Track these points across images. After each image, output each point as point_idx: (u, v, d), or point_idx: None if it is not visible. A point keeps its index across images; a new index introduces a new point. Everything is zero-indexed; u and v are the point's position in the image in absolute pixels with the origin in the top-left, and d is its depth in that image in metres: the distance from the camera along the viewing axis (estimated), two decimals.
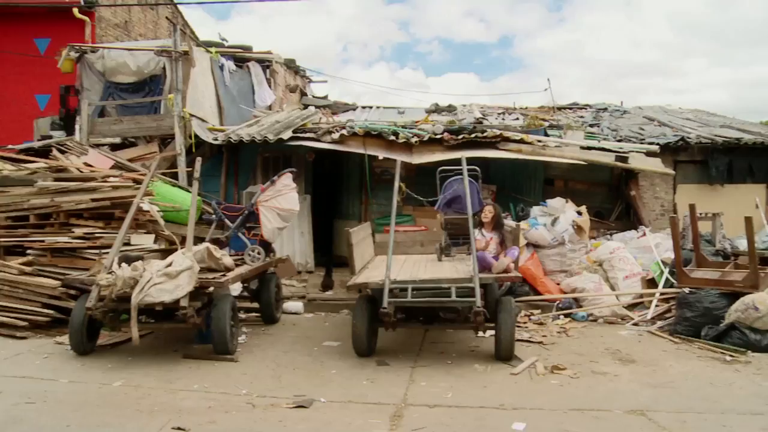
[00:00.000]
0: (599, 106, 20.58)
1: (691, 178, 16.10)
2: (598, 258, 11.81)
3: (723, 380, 7.59)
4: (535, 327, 10.11)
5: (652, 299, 11.05)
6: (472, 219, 8.68)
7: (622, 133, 16.46)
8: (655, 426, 6.06)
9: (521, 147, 13.14)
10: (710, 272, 10.61)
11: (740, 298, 9.25)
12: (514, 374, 7.59)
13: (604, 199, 15.56)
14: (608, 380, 7.53)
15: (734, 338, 8.96)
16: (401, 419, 6.09)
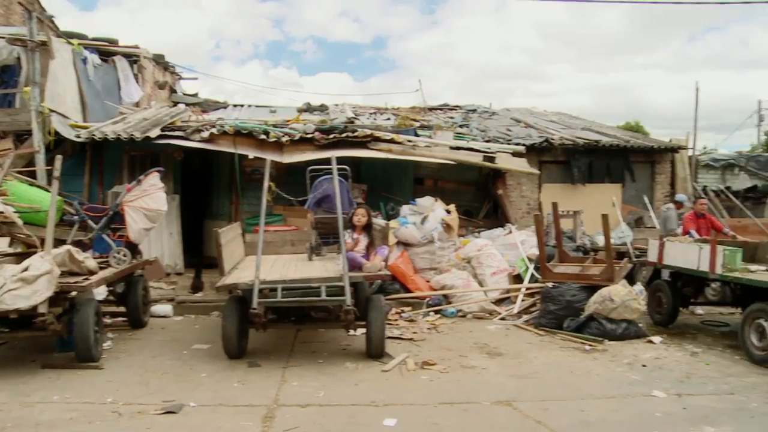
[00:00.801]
0: (469, 108, 21.13)
1: (554, 178, 16.80)
2: (467, 255, 12.11)
3: (582, 368, 8.01)
4: (406, 324, 10.26)
5: (518, 294, 11.45)
6: (343, 218, 8.71)
7: (490, 133, 16.93)
8: (520, 415, 6.30)
9: (392, 147, 13.30)
10: (571, 267, 11.14)
11: (598, 290, 9.78)
12: (385, 371, 7.67)
13: (473, 198, 15.99)
14: (476, 373, 7.75)
15: (593, 328, 9.46)
16: (273, 420, 6.03)
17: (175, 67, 20.93)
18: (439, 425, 5.98)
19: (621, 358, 8.50)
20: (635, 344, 9.26)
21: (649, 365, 8.20)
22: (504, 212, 15.37)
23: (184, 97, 19.64)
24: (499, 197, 15.45)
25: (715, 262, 9.05)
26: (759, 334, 8.29)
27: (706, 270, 9.23)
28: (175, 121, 14.10)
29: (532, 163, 15.43)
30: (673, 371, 7.96)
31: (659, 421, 6.19)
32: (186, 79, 22.07)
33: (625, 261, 11.76)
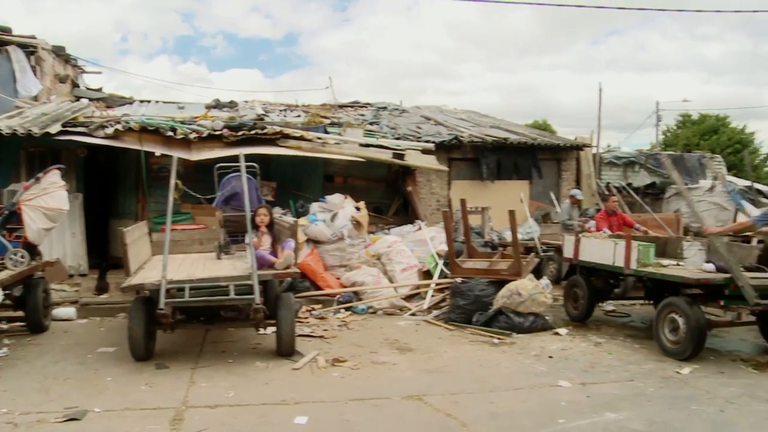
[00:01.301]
0: (380, 105, 21.24)
1: (464, 175, 17.09)
2: (377, 252, 12.17)
3: (491, 361, 8.18)
4: (317, 322, 10.23)
5: (428, 290, 11.58)
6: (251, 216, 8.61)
7: (400, 131, 17.07)
8: (431, 409, 6.37)
9: (301, 144, 13.23)
10: (480, 262, 11.34)
11: (506, 285, 9.98)
12: (296, 369, 7.63)
13: (383, 195, 16.09)
14: (387, 369, 7.80)
15: (501, 322, 9.66)
16: (182, 423, 5.91)
17: (77, 60, 20.18)
18: (350, 422, 5.99)
19: (528, 350, 8.71)
20: (542, 336, 9.51)
21: (555, 356, 8.44)
22: (414, 209, 15.52)
23: (88, 91, 18.96)
24: (409, 194, 15.59)
25: (630, 258, 9.20)
26: (672, 328, 8.46)
27: (621, 265, 9.36)
28: (77, 116, 13.62)
29: (442, 161, 15.64)
30: (578, 361, 8.22)
31: (564, 409, 6.37)
32: (89, 72, 21.32)
33: (532, 256, 12.06)
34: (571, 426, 5.95)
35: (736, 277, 7.99)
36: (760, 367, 8.06)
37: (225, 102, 19.16)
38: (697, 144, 36.59)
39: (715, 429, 5.96)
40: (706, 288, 8.57)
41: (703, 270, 8.67)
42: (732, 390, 7.09)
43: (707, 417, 6.24)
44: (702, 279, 8.40)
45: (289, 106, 20.20)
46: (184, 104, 19.24)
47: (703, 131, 39.56)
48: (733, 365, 8.19)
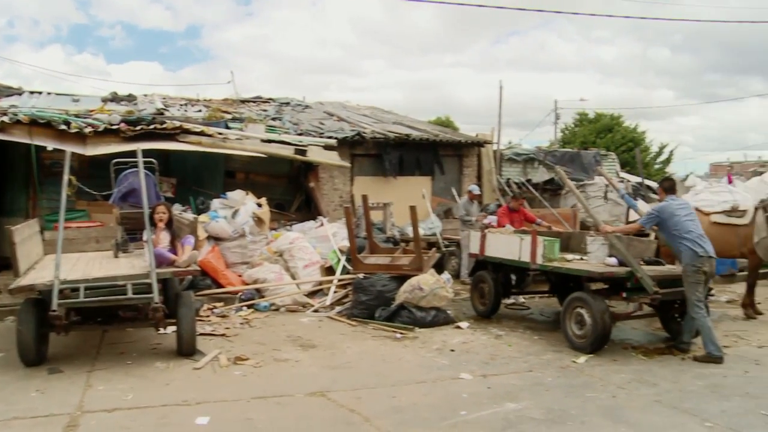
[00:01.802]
0: (282, 101, 21.05)
1: (366, 171, 17.14)
2: (279, 248, 12.07)
3: (394, 356, 8.25)
4: (218, 320, 10.07)
5: (331, 286, 11.59)
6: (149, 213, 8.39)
7: (303, 127, 16.97)
8: (334, 405, 6.39)
9: (201, 139, 12.97)
10: (382, 258, 11.43)
11: (408, 280, 10.09)
12: (197, 369, 7.49)
13: (285, 191, 15.99)
14: (290, 366, 7.76)
15: (403, 317, 9.76)
16: (77, 429, 5.70)
17: None
18: (252, 420, 5.93)
19: (431, 344, 8.83)
20: (444, 330, 9.65)
21: (457, 350, 8.58)
22: (316, 205, 15.49)
23: None
24: (312, 190, 15.55)
25: (536, 253, 9.38)
26: (578, 323, 8.65)
27: (527, 260, 9.52)
28: None
29: (344, 157, 15.64)
30: (479, 354, 8.39)
31: (466, 401, 6.51)
32: None
33: (434, 251, 12.22)
34: (472, 417, 6.07)
35: (635, 270, 8.34)
36: (649, 354, 8.45)
37: (123, 95, 18.58)
38: (593, 141, 37.87)
39: (607, 413, 6.20)
40: (609, 281, 8.89)
41: (607, 264, 8.94)
42: (623, 376, 7.43)
43: (600, 403, 6.51)
44: (606, 273, 8.70)
45: (190, 101, 19.77)
46: (78, 96, 18.50)
47: (599, 129, 40.97)
48: (625, 353, 8.55)
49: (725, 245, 11.09)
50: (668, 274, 8.74)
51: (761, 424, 6.01)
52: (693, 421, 6.06)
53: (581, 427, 5.86)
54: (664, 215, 8.46)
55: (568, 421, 6.00)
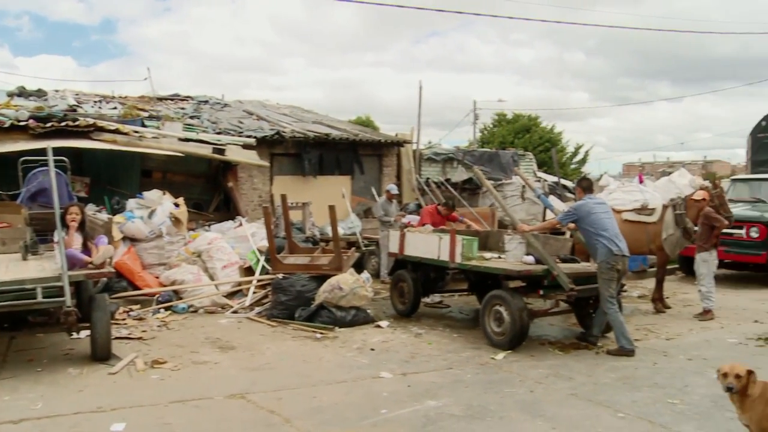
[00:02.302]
0: (201, 99, 20.69)
1: (286, 170, 17.03)
2: (197, 249, 11.87)
3: (314, 356, 8.23)
4: (135, 323, 9.82)
5: (250, 286, 11.46)
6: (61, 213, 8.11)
7: (221, 125, 16.75)
8: (254, 406, 6.33)
9: (116, 137, 12.65)
10: (301, 258, 11.37)
11: (327, 279, 10.07)
12: (113, 374, 7.29)
13: (203, 191, 15.74)
14: (209, 369, 7.65)
15: (324, 317, 9.74)
16: None
17: None
18: (170, 425, 5.82)
19: (351, 344, 8.85)
20: (364, 329, 9.68)
21: (377, 349, 8.62)
22: (235, 205, 15.30)
23: None
24: (230, 190, 15.35)
25: (455, 252, 9.45)
26: (497, 320, 8.79)
27: (446, 259, 9.60)
28: None
29: (264, 156, 15.52)
30: (399, 353, 8.44)
31: (387, 399, 6.54)
32: None
33: (353, 250, 12.24)
34: (393, 415, 6.11)
35: (551, 268, 8.55)
36: (565, 349, 8.68)
37: (32, 90, 17.84)
38: (511, 142, 38.63)
39: (525, 408, 6.34)
40: (527, 279, 9.06)
41: (524, 262, 9.14)
42: (540, 371, 7.61)
43: (518, 398, 6.65)
44: (523, 271, 8.86)
45: (105, 98, 19.21)
46: None
47: (517, 130, 41.82)
48: (542, 348, 8.76)
49: (635, 242, 11.51)
50: (583, 272, 9.00)
51: (668, 412, 6.25)
52: (606, 412, 6.26)
53: (500, 422, 5.97)
54: (581, 213, 8.69)
55: (487, 416, 6.10)
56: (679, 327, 9.98)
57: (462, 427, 5.83)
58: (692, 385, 7.11)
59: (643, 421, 6.02)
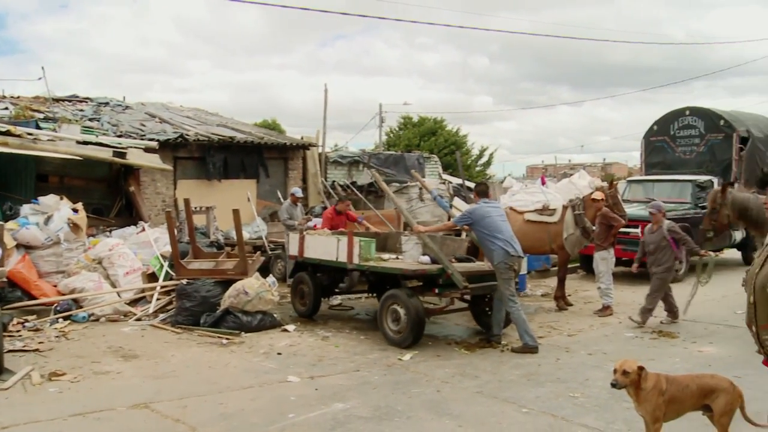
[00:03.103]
0: (101, 100, 20.08)
1: (190, 174, 16.75)
2: (97, 256, 11.48)
3: (220, 362, 8.13)
4: (31, 334, 9.39)
5: (154, 293, 11.19)
6: None
7: (123, 128, 16.34)
8: (158, 416, 6.20)
9: (8, 140, 12.12)
10: (206, 263, 11.19)
11: (233, 284, 9.95)
12: (5, 389, 6.94)
13: (104, 196, 15.28)
14: (111, 379, 7.43)
15: (229, 322, 9.63)
16: None
17: None
18: None
19: (258, 349, 8.78)
20: (271, 334, 9.62)
21: (284, 353, 8.58)
22: (137, 210, 14.92)
23: None
24: (132, 194, 14.96)
25: (353, 253, 9.58)
26: (394, 318, 8.98)
27: (344, 261, 9.71)
28: None
29: (167, 159, 15.22)
30: (306, 356, 8.43)
31: (294, 403, 6.53)
32: None
33: (258, 254, 12.13)
34: (301, 419, 6.10)
35: (446, 267, 8.79)
36: (470, 348, 8.85)
37: None
38: (417, 144, 39.07)
39: (432, 407, 6.44)
40: (422, 278, 9.26)
41: (420, 262, 9.35)
42: (447, 371, 7.74)
43: (426, 397, 6.74)
44: (418, 270, 9.11)
45: None
46: None
47: (422, 133, 42.30)
48: (448, 348, 8.91)
49: (538, 242, 11.90)
50: (477, 270, 9.30)
51: (570, 405, 6.48)
52: (511, 408, 6.43)
53: (407, 422, 6.03)
54: (476, 217, 8.94)
55: (395, 417, 6.16)
56: (581, 323, 10.32)
57: (370, 429, 5.87)
58: (592, 378, 7.39)
59: (546, 415, 6.20)
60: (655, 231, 10.21)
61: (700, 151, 16.91)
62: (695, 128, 17.13)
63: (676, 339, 9.35)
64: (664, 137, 17.70)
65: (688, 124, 17.30)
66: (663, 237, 10.05)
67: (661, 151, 17.70)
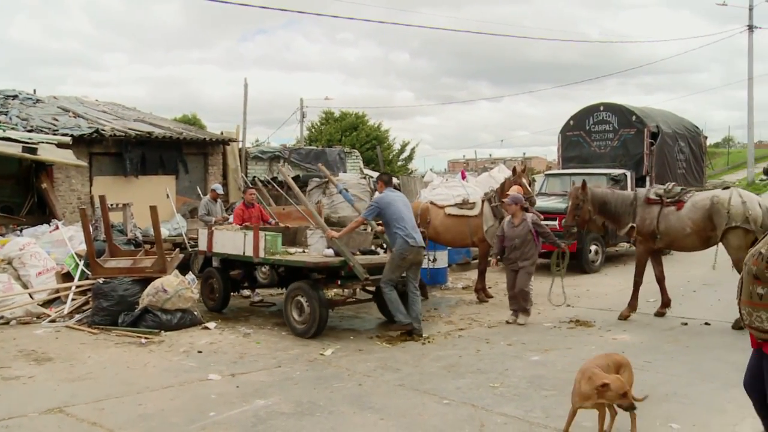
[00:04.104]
0: (8, 93, 19.29)
1: (107, 170, 16.34)
2: (7, 256, 11.06)
3: (139, 362, 7.96)
4: None
5: (69, 293, 10.84)
6: None
7: (33, 122, 15.80)
8: (74, 420, 6.02)
9: None
10: (123, 261, 10.95)
11: (151, 282, 9.76)
12: None
13: (14, 193, 14.79)
14: (22, 384, 7.16)
15: (148, 321, 9.44)
16: None
17: None
18: None
19: (178, 347, 8.63)
20: (191, 332, 9.47)
21: (204, 351, 8.47)
22: (50, 208, 14.45)
23: None
24: (45, 191, 14.48)
25: (258, 247, 9.70)
26: (298, 310, 9.21)
27: (251, 255, 9.83)
28: None
29: (82, 155, 14.79)
30: (227, 354, 8.34)
31: (215, 402, 6.45)
32: None
33: (177, 251, 11.92)
34: (222, 417, 6.03)
35: (348, 259, 9.02)
36: (392, 342, 8.90)
37: None
38: (339, 139, 39.02)
39: (354, 401, 6.46)
40: (326, 271, 9.44)
41: (324, 255, 9.47)
42: (368, 365, 7.78)
43: (347, 392, 6.76)
44: (321, 263, 9.30)
45: None
46: None
47: (344, 128, 42.31)
48: (370, 342, 8.96)
49: (459, 235, 12.08)
50: (379, 262, 9.48)
51: (490, 395, 6.58)
52: (432, 400, 6.49)
53: (329, 417, 6.03)
54: (382, 204, 9.21)
55: (317, 412, 6.15)
56: (501, 315, 10.48)
57: (292, 425, 5.84)
58: (512, 368, 7.53)
59: (466, 406, 6.29)
60: (518, 225, 10.02)
61: (614, 145, 17.39)
62: (609, 123, 17.60)
63: (592, 328, 9.61)
64: (579, 132, 18.13)
65: (603, 120, 17.76)
66: (529, 230, 9.90)
67: (577, 146, 18.14)
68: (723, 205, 9.53)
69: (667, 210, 9.96)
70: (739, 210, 9.40)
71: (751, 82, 34.36)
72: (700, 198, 9.91)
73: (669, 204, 9.98)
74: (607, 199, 10.33)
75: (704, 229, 9.73)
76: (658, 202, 10.05)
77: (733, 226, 9.41)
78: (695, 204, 9.83)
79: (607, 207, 10.30)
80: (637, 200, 10.20)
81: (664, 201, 10.01)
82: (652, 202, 10.08)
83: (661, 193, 10.12)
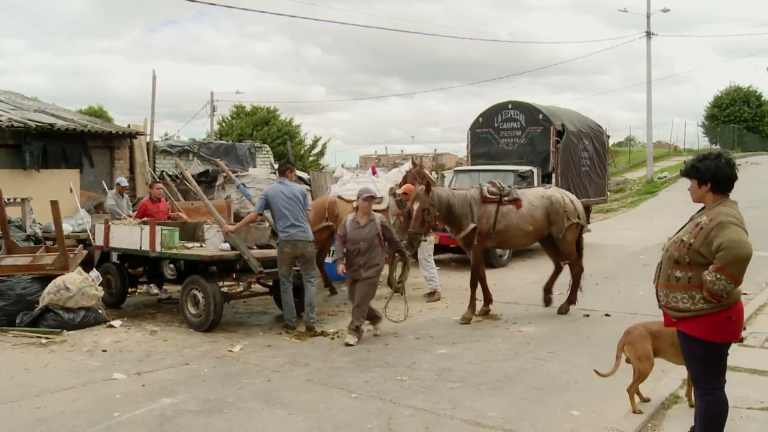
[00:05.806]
0: None
1: (4, 164, 15.69)
2: None
3: (38, 363, 7.69)
4: None
5: None
6: None
7: None
8: None
9: None
10: (22, 258, 10.52)
11: (53, 280, 9.43)
12: None
13: None
14: None
15: (50, 320, 9.13)
16: None
17: None
18: None
19: (81, 347, 8.39)
20: (96, 331, 9.22)
21: (109, 350, 8.26)
22: None
23: None
24: None
25: (155, 242, 9.64)
26: (194, 303, 9.26)
27: (147, 249, 9.77)
28: None
29: None
30: (133, 352, 8.16)
31: (120, 401, 6.30)
32: None
33: (80, 247, 11.57)
34: (127, 417, 5.89)
35: (242, 253, 9.16)
36: (301, 337, 8.91)
37: None
38: (250, 134, 38.64)
39: (263, 397, 6.43)
40: (221, 264, 9.52)
41: (221, 249, 9.51)
42: (277, 360, 7.77)
43: (256, 388, 6.72)
44: (216, 257, 9.34)
45: None
46: None
47: (255, 122, 41.95)
48: (279, 338, 8.93)
49: None
50: (274, 256, 9.52)
51: (397, 389, 6.67)
52: (341, 394, 6.53)
53: (237, 414, 5.98)
54: (269, 196, 9.33)
55: (225, 409, 6.10)
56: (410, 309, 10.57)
57: (200, 422, 5.76)
58: (419, 361, 7.64)
59: (375, 399, 6.35)
60: (364, 225, 8.68)
61: (521, 142, 17.77)
62: (517, 121, 17.98)
63: (499, 321, 9.82)
64: (488, 129, 18.46)
65: (511, 117, 18.14)
66: (377, 234, 8.62)
67: (486, 143, 18.47)
68: (560, 204, 10.18)
69: (505, 209, 9.94)
70: (571, 207, 10.26)
71: (649, 85, 35.69)
72: (535, 197, 10.29)
73: (507, 203, 9.97)
74: (451, 201, 9.81)
75: (543, 227, 10.21)
76: (494, 201, 9.94)
77: (572, 222, 10.18)
78: (532, 203, 10.16)
79: (453, 209, 9.78)
80: (473, 199, 9.93)
81: (502, 200, 9.94)
82: (488, 200, 9.93)
83: (495, 191, 9.97)
